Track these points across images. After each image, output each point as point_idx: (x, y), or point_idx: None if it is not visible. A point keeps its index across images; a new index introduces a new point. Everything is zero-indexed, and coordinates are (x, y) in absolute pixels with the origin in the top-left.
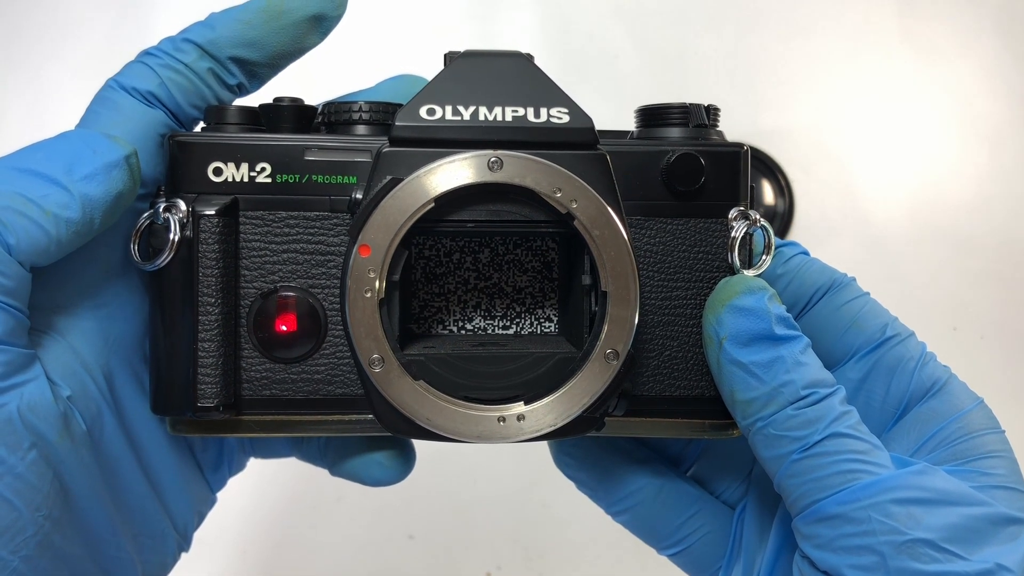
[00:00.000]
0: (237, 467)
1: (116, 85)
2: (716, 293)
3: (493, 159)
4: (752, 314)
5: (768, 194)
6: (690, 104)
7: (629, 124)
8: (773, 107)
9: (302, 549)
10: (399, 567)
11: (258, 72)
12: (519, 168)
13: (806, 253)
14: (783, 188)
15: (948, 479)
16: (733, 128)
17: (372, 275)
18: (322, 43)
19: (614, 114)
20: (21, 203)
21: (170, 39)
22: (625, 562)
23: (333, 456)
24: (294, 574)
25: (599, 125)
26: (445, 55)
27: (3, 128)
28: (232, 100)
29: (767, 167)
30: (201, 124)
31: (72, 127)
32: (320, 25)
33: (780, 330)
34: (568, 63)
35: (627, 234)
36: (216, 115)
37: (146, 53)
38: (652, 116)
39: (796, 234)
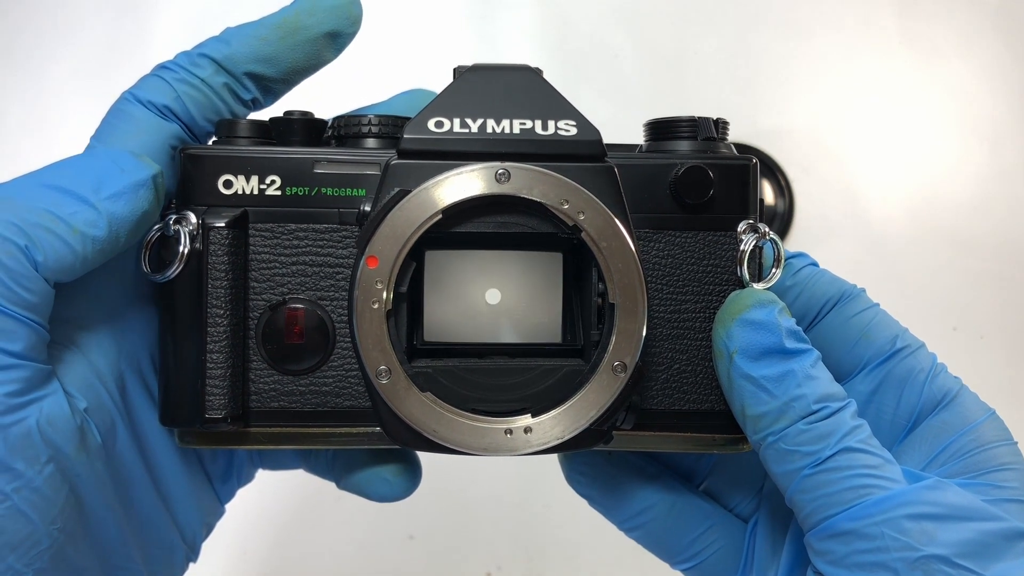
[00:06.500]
0: (246, 478)
1: (132, 98)
2: (726, 306)
3: (501, 171)
4: (762, 328)
5: (768, 194)
6: (699, 117)
7: (629, 124)
8: (773, 107)
9: (302, 549)
10: (399, 567)
11: (273, 87)
12: (527, 180)
13: (815, 264)
14: (783, 188)
15: (961, 493)
16: (733, 128)
17: (379, 286)
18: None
19: (613, 114)
20: (50, 220)
21: (186, 54)
22: (625, 562)
23: (340, 469)
24: (294, 574)
25: (598, 125)
26: (454, 69)
27: (3, 128)
28: (246, 115)
29: (767, 167)
30: (212, 137)
31: (72, 127)
32: (335, 42)
33: (791, 344)
34: (568, 63)
35: (635, 246)
36: (227, 128)
37: (162, 67)
38: (660, 129)
39: (796, 234)
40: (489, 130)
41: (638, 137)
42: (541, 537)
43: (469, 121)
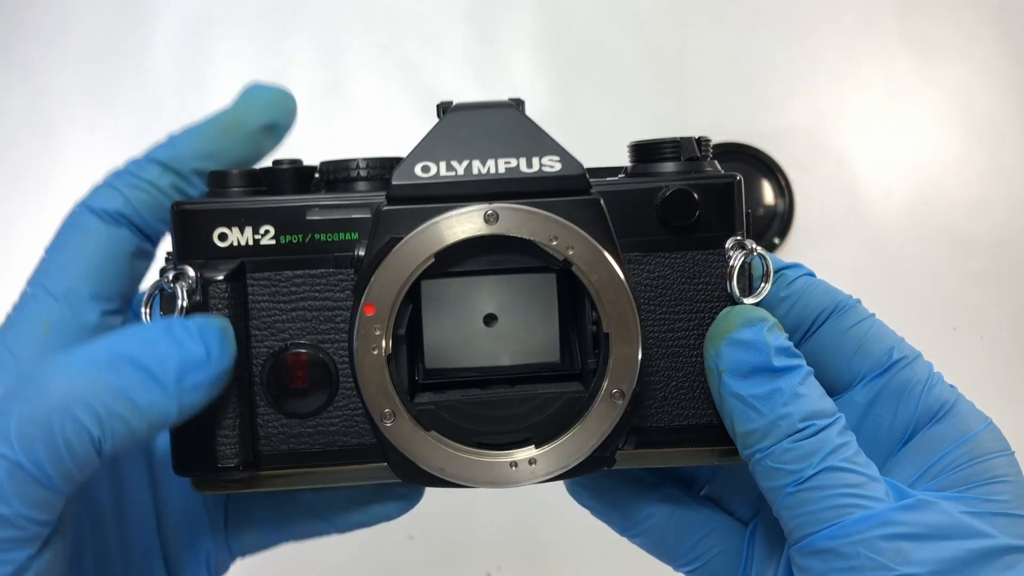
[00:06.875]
0: (221, 570)
1: (83, 209)
2: (715, 325)
3: (489, 212)
4: (751, 347)
5: (768, 194)
6: (681, 138)
7: (629, 124)
8: (773, 107)
9: (302, 549)
10: (399, 567)
11: None
12: (515, 220)
13: (811, 274)
14: (783, 188)
15: (943, 511)
16: (733, 128)
17: (378, 333)
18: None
19: (614, 114)
20: (127, 410)
21: (135, 160)
22: (625, 562)
23: (335, 516)
24: (294, 574)
25: (597, 125)
26: (438, 106)
27: (3, 128)
28: None
29: (767, 167)
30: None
31: (72, 127)
32: (273, 133)
33: (779, 362)
34: (568, 63)
35: (624, 276)
36: (219, 180)
37: (113, 175)
38: (644, 152)
39: (796, 234)
40: (475, 171)
41: (638, 137)
42: (541, 537)
43: (455, 164)
